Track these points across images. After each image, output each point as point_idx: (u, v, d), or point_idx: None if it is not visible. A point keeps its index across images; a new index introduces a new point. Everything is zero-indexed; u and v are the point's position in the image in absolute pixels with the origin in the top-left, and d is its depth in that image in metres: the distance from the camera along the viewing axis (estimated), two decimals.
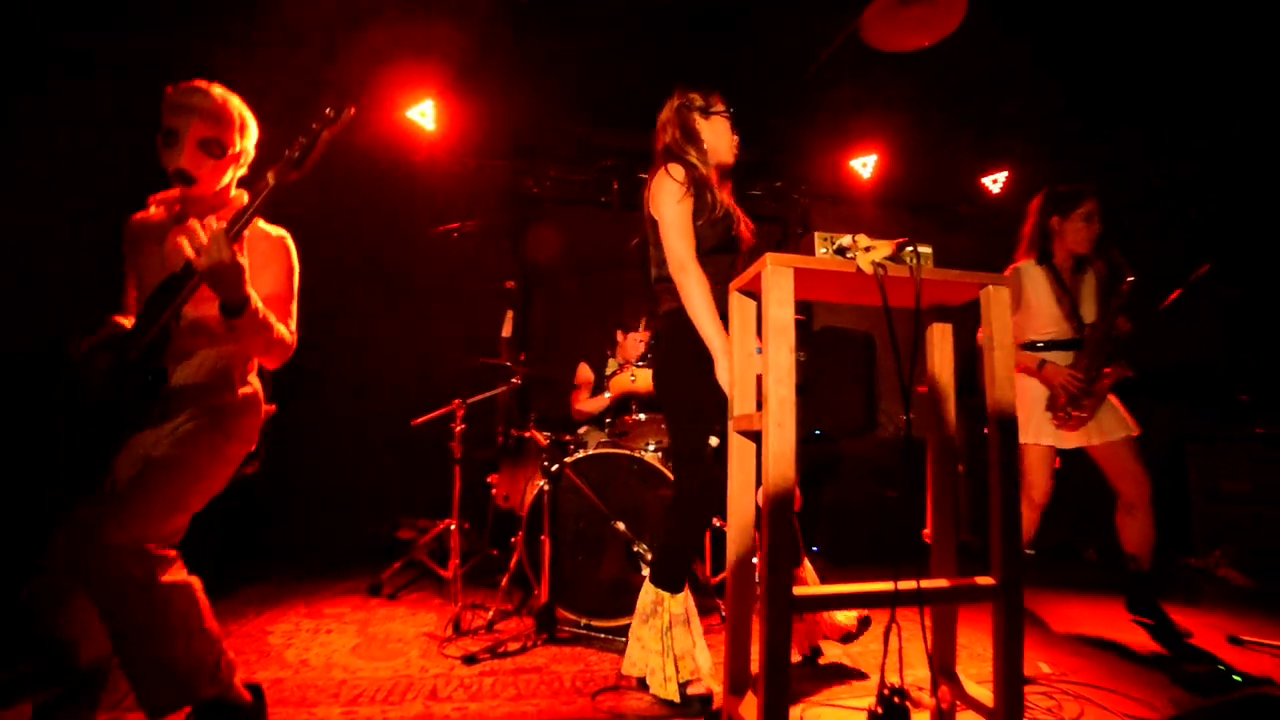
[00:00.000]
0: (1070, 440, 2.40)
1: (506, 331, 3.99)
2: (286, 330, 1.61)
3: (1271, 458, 3.29)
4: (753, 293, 1.37)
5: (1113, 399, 2.40)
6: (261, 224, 1.69)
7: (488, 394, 3.10)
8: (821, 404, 3.93)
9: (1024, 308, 2.54)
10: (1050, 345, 2.47)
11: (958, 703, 1.31)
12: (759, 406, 1.37)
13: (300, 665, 2.05)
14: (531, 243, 4.49)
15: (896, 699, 1.13)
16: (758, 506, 1.34)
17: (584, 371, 3.87)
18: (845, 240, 1.21)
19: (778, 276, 1.17)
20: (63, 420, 1.51)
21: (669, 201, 1.77)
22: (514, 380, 3.11)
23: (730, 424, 1.37)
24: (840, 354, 4.12)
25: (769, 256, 1.18)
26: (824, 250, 1.22)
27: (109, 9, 2.94)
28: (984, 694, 1.29)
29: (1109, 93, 3.70)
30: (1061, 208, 2.48)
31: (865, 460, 3.62)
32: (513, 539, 2.66)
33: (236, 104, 1.63)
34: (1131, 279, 2.33)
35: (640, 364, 2.89)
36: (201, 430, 1.53)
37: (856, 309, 4.21)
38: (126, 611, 1.37)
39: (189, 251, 1.33)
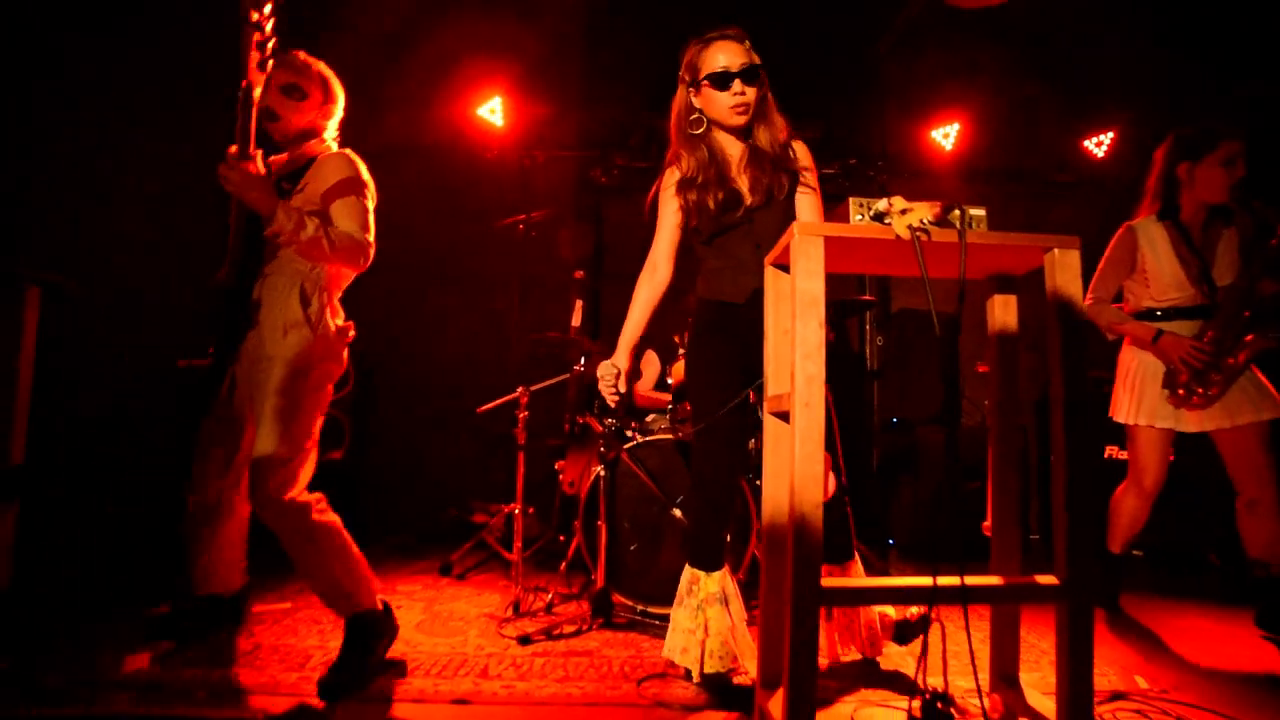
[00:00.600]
0: (1192, 423, 2.10)
1: (576, 321, 4.04)
2: (353, 231, 1.79)
3: None
4: (784, 266, 1.30)
5: (1257, 374, 2.07)
6: (332, 147, 1.95)
7: (550, 381, 3.14)
8: (899, 390, 3.71)
9: (1139, 271, 2.24)
10: (1171, 313, 2.16)
11: (1017, 713, 1.18)
12: None
13: None
14: (600, 233, 4.52)
15: (940, 704, 1.04)
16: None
17: (650, 359, 3.86)
18: (881, 204, 1.11)
19: (806, 246, 1.10)
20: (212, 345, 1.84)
21: (657, 203, 1.90)
22: (576, 367, 3.13)
23: (764, 405, 1.30)
24: (919, 337, 3.86)
25: (796, 226, 1.10)
26: (860, 216, 1.13)
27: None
28: (1049, 705, 1.16)
29: (1238, 35, 3.23)
30: (1192, 152, 2.15)
31: (942, 449, 3.38)
32: (574, 524, 2.69)
33: (321, 66, 1.93)
34: None
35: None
36: (277, 362, 1.74)
37: (939, 289, 3.94)
38: (292, 547, 1.75)
39: (221, 182, 1.59)
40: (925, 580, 1.01)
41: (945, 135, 3.93)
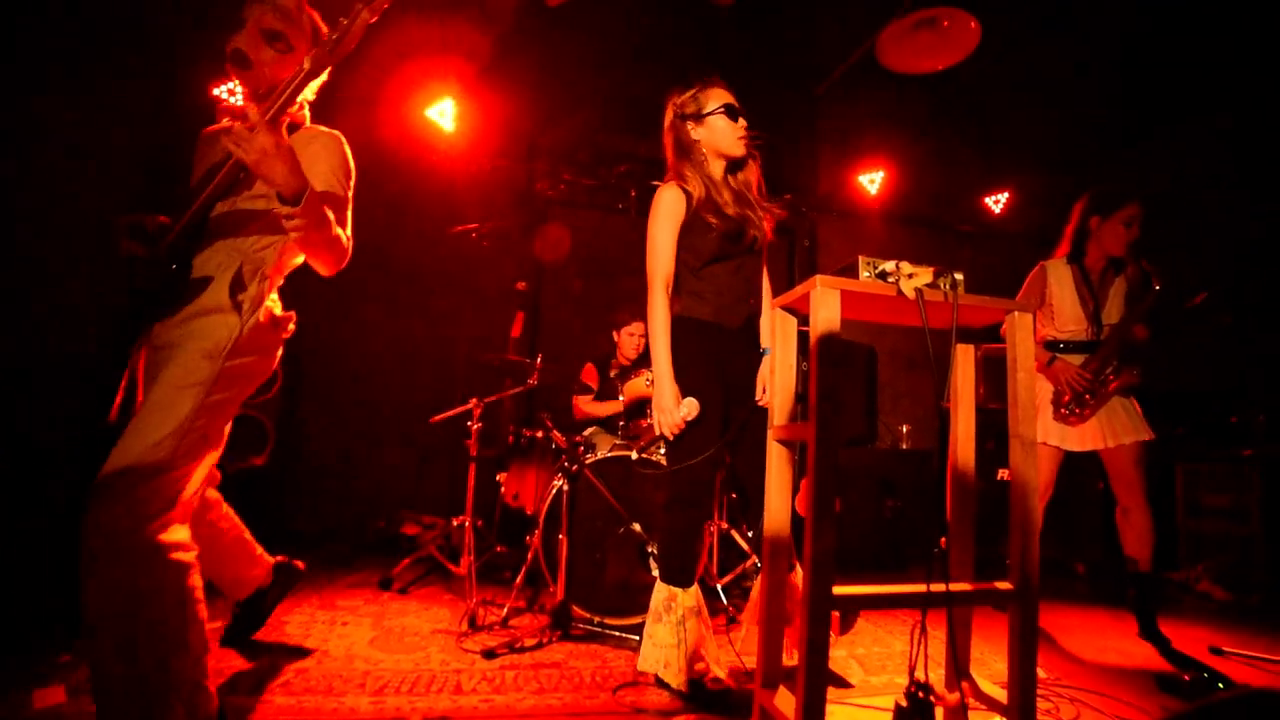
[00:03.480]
0: (1076, 443, 2.47)
1: (516, 332, 4.05)
2: (342, 231, 1.56)
3: (1256, 478, 3.44)
4: (793, 310, 1.45)
5: (1132, 403, 2.47)
6: (313, 125, 1.72)
7: (505, 393, 3.15)
8: None
9: (1046, 304, 2.61)
10: (1070, 345, 2.53)
11: (972, 700, 1.40)
12: (796, 417, 1.45)
13: (322, 655, 2.09)
14: (544, 245, 4.56)
15: (921, 694, 1.21)
16: (793, 510, 1.42)
17: (590, 373, 3.94)
18: (888, 266, 1.29)
19: (826, 297, 1.25)
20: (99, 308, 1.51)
21: (652, 222, 1.89)
22: (530, 381, 3.16)
23: (770, 433, 1.45)
24: (842, 366, 4.21)
25: (818, 279, 1.26)
26: (867, 274, 1.30)
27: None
28: (997, 692, 1.38)
29: (1116, 115, 3.85)
30: (1102, 208, 2.53)
31: (864, 470, 3.72)
32: (528, 538, 2.72)
33: (315, 17, 1.66)
34: (1158, 288, 2.40)
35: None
36: (177, 349, 1.43)
37: (858, 323, 4.34)
38: (110, 601, 1.27)
39: (230, 145, 1.28)
40: (920, 586, 1.19)
41: (871, 181, 4.34)
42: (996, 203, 4.58)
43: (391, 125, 4.04)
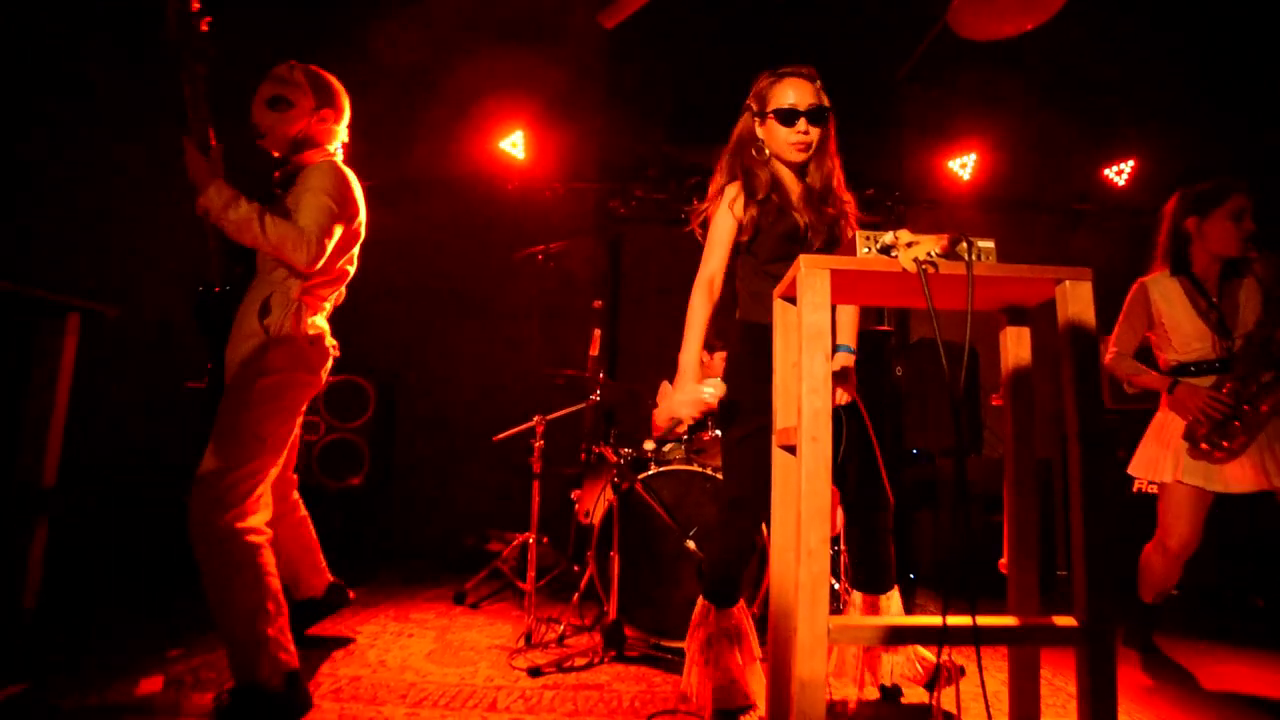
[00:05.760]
0: (1229, 481, 2.01)
1: (594, 350, 4.08)
2: (305, 225, 1.68)
3: None
4: (794, 299, 1.30)
5: None
6: (320, 156, 1.88)
7: (566, 410, 3.15)
8: (919, 421, 3.65)
9: (1158, 326, 2.22)
10: (1202, 366, 2.12)
11: None
12: None
13: (378, 665, 2.16)
14: (618, 263, 4.57)
15: None
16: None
17: (666, 390, 3.86)
18: (888, 237, 1.11)
19: (812, 280, 1.10)
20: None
21: (711, 220, 1.83)
22: (593, 397, 3.14)
23: (774, 437, 1.30)
24: (939, 367, 3.80)
25: (803, 259, 1.11)
26: (866, 250, 1.13)
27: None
28: None
29: (1255, 67, 3.21)
30: (1200, 206, 2.15)
31: (969, 482, 3.31)
32: (588, 554, 2.68)
33: (309, 71, 1.88)
34: None
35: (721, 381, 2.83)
36: (234, 363, 1.72)
37: (958, 319, 3.91)
38: (210, 579, 1.61)
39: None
40: (935, 620, 0.99)
41: (963, 165, 3.92)
42: (1120, 174, 3.92)
43: (467, 161, 4.25)
